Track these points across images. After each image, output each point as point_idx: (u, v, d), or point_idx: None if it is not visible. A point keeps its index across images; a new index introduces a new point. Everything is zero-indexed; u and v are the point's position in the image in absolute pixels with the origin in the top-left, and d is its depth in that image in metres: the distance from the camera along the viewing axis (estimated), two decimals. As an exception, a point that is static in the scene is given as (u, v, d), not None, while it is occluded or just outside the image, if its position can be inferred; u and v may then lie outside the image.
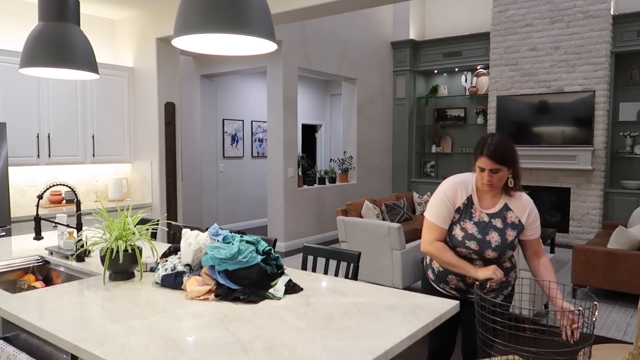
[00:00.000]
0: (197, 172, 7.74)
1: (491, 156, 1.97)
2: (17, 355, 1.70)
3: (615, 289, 4.43)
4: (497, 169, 1.99)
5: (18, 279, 2.61)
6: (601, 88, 6.98)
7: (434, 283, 2.28)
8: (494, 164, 1.98)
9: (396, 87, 8.98)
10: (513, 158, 2.00)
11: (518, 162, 2.04)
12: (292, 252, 6.67)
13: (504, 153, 1.98)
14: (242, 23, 1.69)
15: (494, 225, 2.08)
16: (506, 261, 2.18)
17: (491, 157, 1.97)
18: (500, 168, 1.99)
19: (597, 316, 2.45)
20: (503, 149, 1.98)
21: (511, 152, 2.00)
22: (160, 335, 1.56)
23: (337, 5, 4.23)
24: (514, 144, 2.07)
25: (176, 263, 2.12)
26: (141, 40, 5.50)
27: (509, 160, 1.99)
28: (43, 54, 2.39)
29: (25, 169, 4.91)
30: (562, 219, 7.49)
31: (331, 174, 7.89)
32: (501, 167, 1.99)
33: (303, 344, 1.49)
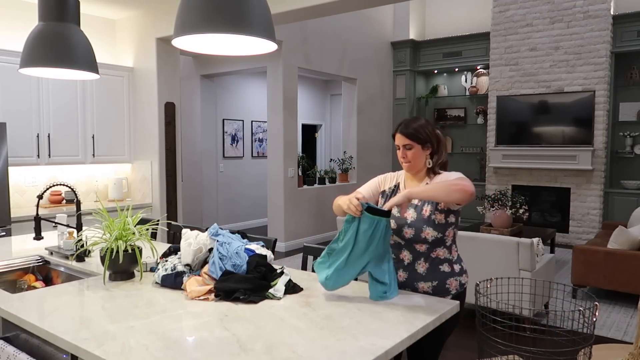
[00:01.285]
0: (197, 172, 7.73)
1: (402, 132, 2.07)
2: (17, 355, 1.70)
3: (615, 289, 4.43)
4: (409, 145, 2.06)
5: (18, 279, 2.61)
6: (601, 88, 6.98)
7: None
8: (405, 140, 2.06)
9: (396, 87, 8.97)
10: (425, 135, 2.05)
11: (434, 142, 2.08)
12: (292, 252, 6.67)
13: (415, 129, 2.05)
14: (242, 23, 1.69)
15: (413, 203, 2.07)
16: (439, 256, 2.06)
17: (402, 132, 2.07)
18: (412, 144, 2.05)
19: (597, 316, 2.45)
20: (415, 126, 2.06)
21: (423, 129, 2.05)
22: (160, 335, 1.56)
23: (337, 5, 4.23)
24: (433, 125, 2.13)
25: (176, 263, 2.12)
26: (141, 40, 5.50)
27: (420, 137, 2.05)
28: (43, 54, 2.39)
29: (25, 169, 4.91)
30: (562, 219, 7.49)
31: (331, 174, 7.89)
32: (412, 144, 2.05)
33: (303, 344, 1.49)
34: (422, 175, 2.13)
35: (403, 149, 2.08)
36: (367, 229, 1.85)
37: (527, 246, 3.67)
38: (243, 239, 2.31)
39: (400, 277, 2.08)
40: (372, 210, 1.86)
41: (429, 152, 2.09)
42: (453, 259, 2.08)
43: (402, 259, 2.09)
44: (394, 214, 2.09)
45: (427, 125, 2.08)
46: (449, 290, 2.04)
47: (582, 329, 1.85)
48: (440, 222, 2.01)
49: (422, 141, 2.05)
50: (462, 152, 8.89)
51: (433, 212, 2.01)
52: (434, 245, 2.03)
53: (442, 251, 2.05)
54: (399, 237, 2.08)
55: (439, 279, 2.03)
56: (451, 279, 2.05)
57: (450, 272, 2.05)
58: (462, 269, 2.12)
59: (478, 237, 3.91)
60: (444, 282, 2.04)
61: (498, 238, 3.84)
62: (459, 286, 2.06)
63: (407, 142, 2.06)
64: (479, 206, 5.79)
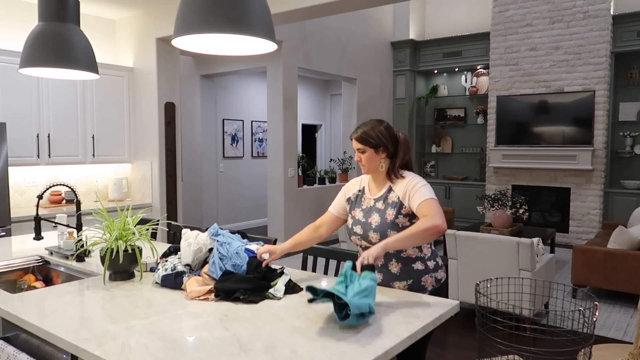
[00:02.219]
0: (197, 172, 7.74)
1: (354, 136, 2.10)
2: (17, 355, 1.70)
3: (615, 289, 4.43)
4: (362, 149, 2.08)
5: (18, 279, 2.61)
6: (601, 88, 6.98)
7: None
8: (357, 144, 2.08)
9: (396, 87, 8.97)
10: (377, 139, 2.05)
11: (389, 144, 2.07)
12: (292, 252, 6.67)
13: (365, 133, 2.06)
14: (242, 23, 1.69)
15: (377, 207, 2.10)
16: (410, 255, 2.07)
17: (354, 137, 2.10)
18: (364, 148, 2.07)
19: (597, 316, 2.45)
20: (366, 130, 2.06)
21: (374, 133, 2.05)
22: (160, 335, 1.56)
23: (337, 5, 4.23)
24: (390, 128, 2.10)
25: (176, 263, 2.12)
26: (141, 40, 5.50)
27: (371, 141, 2.05)
28: (43, 54, 2.39)
29: (25, 169, 4.91)
30: (562, 219, 7.49)
31: (331, 174, 7.89)
32: (365, 147, 2.07)
33: (303, 344, 1.49)
34: (383, 178, 2.14)
35: (357, 152, 2.11)
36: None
37: (527, 246, 3.67)
38: (243, 239, 2.31)
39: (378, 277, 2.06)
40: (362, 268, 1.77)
41: (384, 155, 2.08)
42: (425, 257, 2.09)
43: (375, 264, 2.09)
44: (360, 219, 2.13)
45: (379, 128, 2.07)
46: (425, 287, 2.06)
47: (582, 329, 1.85)
48: (405, 225, 2.03)
49: (374, 145, 2.06)
50: (462, 152, 8.89)
51: (396, 216, 2.03)
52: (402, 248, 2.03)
53: (412, 250, 2.07)
54: (365, 241, 2.11)
55: (413, 278, 2.06)
56: (426, 276, 2.07)
57: (424, 270, 2.07)
58: (438, 264, 2.12)
59: (478, 237, 3.91)
60: (419, 280, 2.06)
61: (498, 238, 3.84)
62: (435, 282, 2.09)
63: (359, 146, 2.08)
64: (479, 206, 5.79)
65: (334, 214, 2.32)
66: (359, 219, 2.16)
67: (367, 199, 2.19)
